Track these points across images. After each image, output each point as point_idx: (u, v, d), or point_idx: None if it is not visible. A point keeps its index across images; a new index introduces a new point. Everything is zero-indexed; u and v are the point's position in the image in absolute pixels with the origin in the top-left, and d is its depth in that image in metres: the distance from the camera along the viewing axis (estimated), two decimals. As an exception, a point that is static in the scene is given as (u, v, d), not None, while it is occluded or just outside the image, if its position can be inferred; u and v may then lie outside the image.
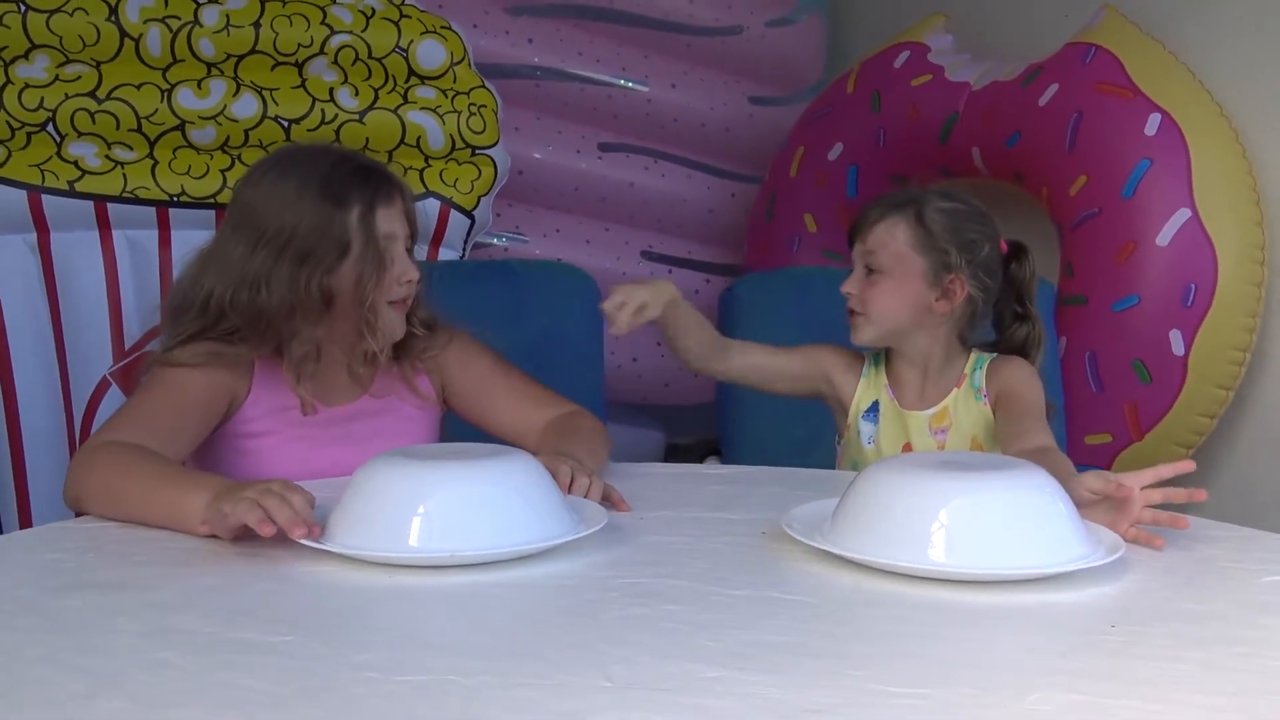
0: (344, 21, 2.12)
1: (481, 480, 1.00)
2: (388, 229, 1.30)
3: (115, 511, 1.11)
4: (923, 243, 1.37)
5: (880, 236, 1.38)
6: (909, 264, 1.37)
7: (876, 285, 1.38)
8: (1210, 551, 1.09)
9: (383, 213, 1.30)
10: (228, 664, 0.76)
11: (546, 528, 1.00)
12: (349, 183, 1.29)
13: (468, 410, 1.43)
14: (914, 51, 2.47)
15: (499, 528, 0.98)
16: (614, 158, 2.75)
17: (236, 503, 0.99)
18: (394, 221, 1.31)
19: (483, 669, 0.75)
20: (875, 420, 1.44)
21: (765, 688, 0.73)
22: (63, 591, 0.91)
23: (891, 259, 1.38)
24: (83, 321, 2.05)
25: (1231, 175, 2.05)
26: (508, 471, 1.01)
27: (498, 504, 0.99)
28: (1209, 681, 0.75)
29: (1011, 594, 0.93)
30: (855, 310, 1.40)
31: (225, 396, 1.29)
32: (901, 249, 1.37)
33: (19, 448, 2.04)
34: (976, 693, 0.73)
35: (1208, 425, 2.07)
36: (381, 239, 1.30)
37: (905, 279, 1.37)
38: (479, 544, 0.96)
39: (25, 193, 1.97)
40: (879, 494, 1.00)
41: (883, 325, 1.39)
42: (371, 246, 1.28)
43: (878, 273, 1.38)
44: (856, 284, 1.40)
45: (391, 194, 1.32)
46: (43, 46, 2.00)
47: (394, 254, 1.31)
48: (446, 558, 0.95)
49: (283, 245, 1.26)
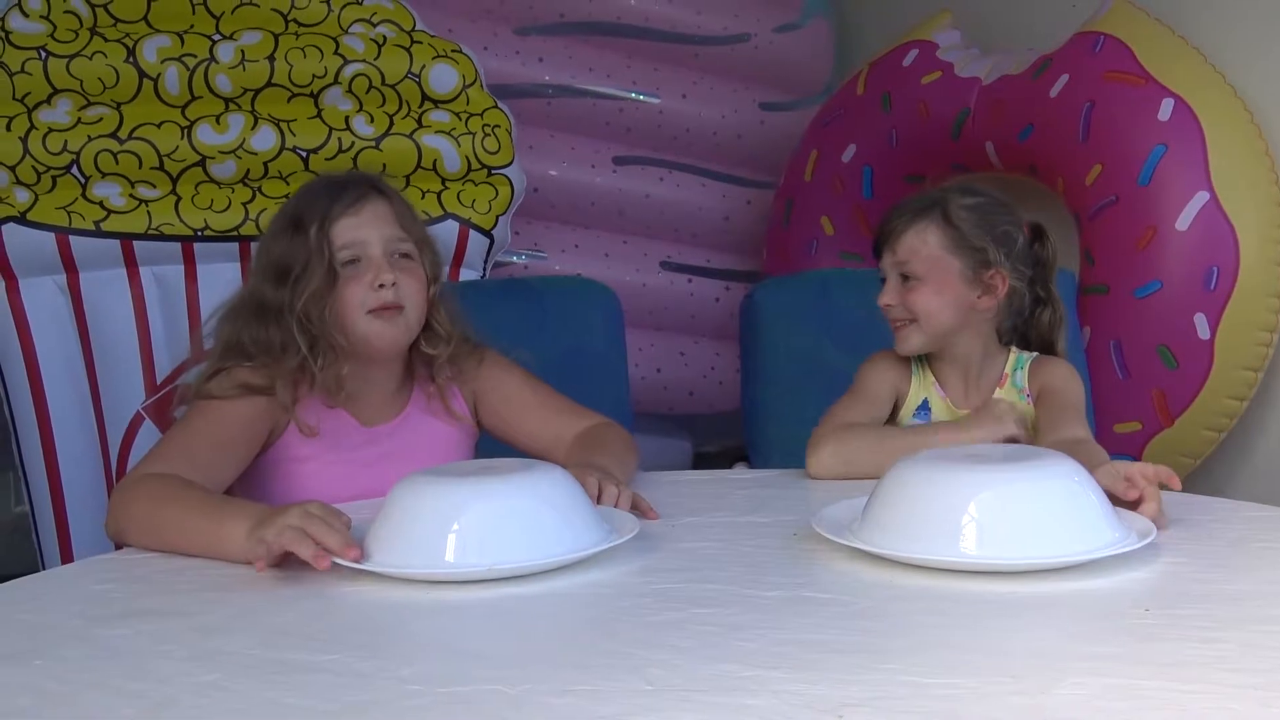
0: (356, 50, 2.15)
1: (515, 494, 1.01)
2: (350, 238, 1.29)
3: (156, 541, 1.13)
4: (955, 243, 1.37)
5: (911, 244, 1.37)
6: (944, 267, 1.36)
7: (916, 291, 1.37)
8: (1243, 531, 1.09)
9: (344, 223, 1.29)
10: (275, 684, 0.78)
11: (580, 539, 1.01)
12: (311, 202, 1.31)
13: (499, 426, 1.43)
14: (922, 49, 2.47)
15: (534, 540, 0.99)
16: (629, 170, 2.76)
17: (281, 531, 1.00)
18: (362, 229, 1.29)
19: (524, 678, 0.77)
20: (927, 419, 1.42)
21: (802, 685, 0.73)
22: (110, 620, 0.93)
23: (926, 265, 1.36)
24: (114, 358, 2.09)
25: (1248, 156, 2.04)
26: (540, 485, 1.03)
27: (531, 517, 1.00)
28: (1244, 661, 0.76)
29: (1043, 583, 0.93)
30: (900, 319, 1.38)
31: (265, 424, 1.30)
32: (935, 253, 1.36)
33: (58, 484, 2.08)
34: (1011, 681, 0.73)
35: (1237, 408, 2.06)
36: (339, 249, 1.28)
37: (944, 282, 1.36)
38: (515, 557, 0.97)
39: (53, 235, 2.01)
40: (908, 490, 1.01)
41: (931, 330, 1.38)
42: (324, 261, 1.27)
43: (915, 280, 1.37)
44: (895, 294, 1.38)
45: (358, 202, 1.30)
46: (64, 90, 2.04)
47: (367, 261, 1.29)
48: (485, 571, 0.96)
49: (270, 275, 1.29)
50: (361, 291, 1.29)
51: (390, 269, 1.29)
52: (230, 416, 1.27)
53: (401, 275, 1.31)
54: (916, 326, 1.37)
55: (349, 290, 1.29)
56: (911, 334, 1.38)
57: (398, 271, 1.30)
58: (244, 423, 1.28)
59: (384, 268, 1.29)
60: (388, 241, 1.31)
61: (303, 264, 1.28)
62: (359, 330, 1.30)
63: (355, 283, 1.29)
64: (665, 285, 2.80)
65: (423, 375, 1.39)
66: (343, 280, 1.28)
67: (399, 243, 1.32)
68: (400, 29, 2.21)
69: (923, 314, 1.37)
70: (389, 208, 1.33)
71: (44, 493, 2.07)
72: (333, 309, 1.28)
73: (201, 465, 1.21)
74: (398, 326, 1.31)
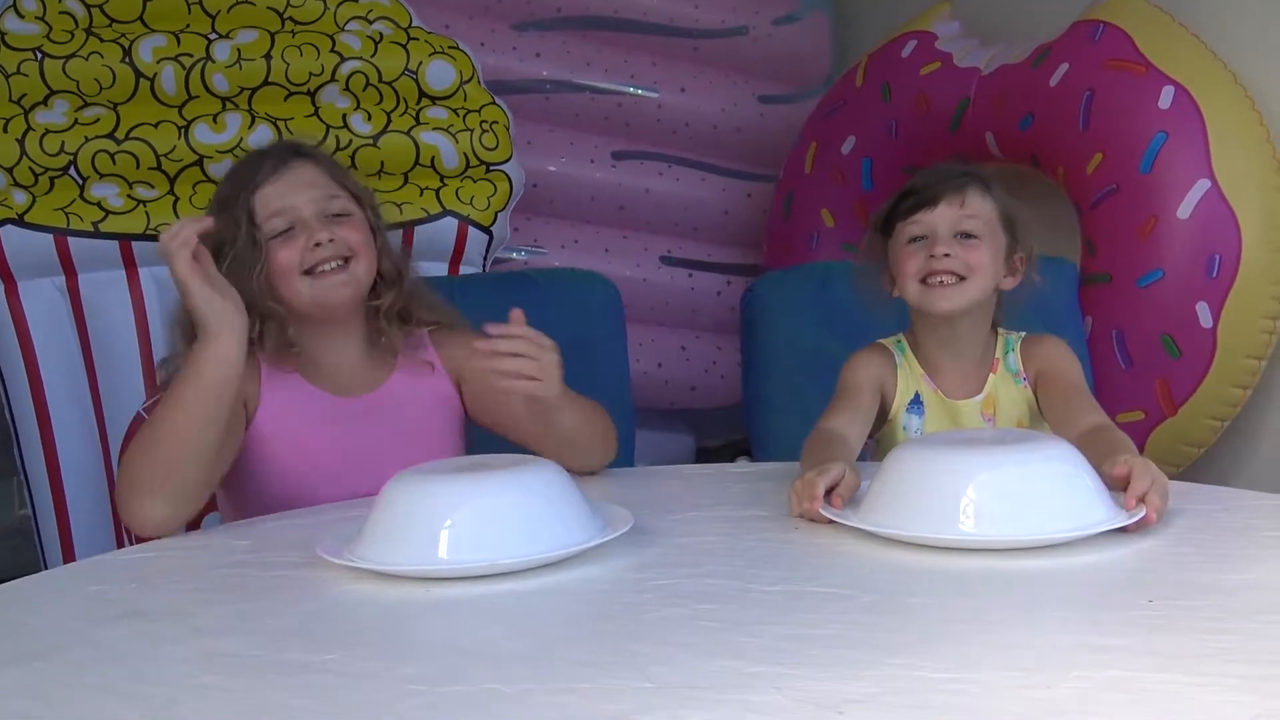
0: (353, 48, 2.14)
1: (509, 490, 1.01)
2: (277, 205, 1.29)
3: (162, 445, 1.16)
4: (1004, 217, 1.36)
5: (979, 203, 1.34)
6: (998, 235, 1.35)
7: (979, 249, 1.32)
8: (1248, 520, 1.08)
9: (268, 191, 1.29)
10: (277, 685, 0.77)
11: (574, 534, 1.01)
12: (235, 177, 1.32)
13: (484, 412, 1.41)
14: (921, 40, 2.46)
15: (531, 536, 0.99)
16: (628, 165, 2.76)
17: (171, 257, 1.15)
18: (288, 196, 1.29)
19: (525, 676, 0.76)
20: (920, 413, 1.38)
21: (806, 680, 0.73)
22: (111, 622, 0.93)
23: (987, 228, 1.34)
24: (114, 359, 2.09)
25: (1249, 143, 2.03)
26: (534, 480, 1.03)
27: (526, 512, 1.00)
28: (1251, 652, 0.75)
29: (1048, 573, 0.93)
30: (949, 272, 1.31)
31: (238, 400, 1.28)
32: (993, 218, 1.35)
33: (59, 485, 2.08)
34: (1017, 674, 0.73)
35: (1241, 396, 2.05)
36: (270, 218, 1.28)
37: (996, 249, 1.34)
38: (511, 553, 0.97)
39: (52, 236, 2.01)
40: (910, 472, 1.03)
41: (976, 292, 1.33)
42: (247, 232, 1.27)
43: (976, 238, 1.33)
44: (953, 246, 1.31)
45: (278, 169, 1.30)
46: (61, 92, 2.03)
47: (300, 225, 1.28)
48: (482, 567, 0.96)
49: (215, 254, 1.27)
50: (296, 254, 1.28)
51: (324, 227, 1.29)
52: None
53: (340, 229, 1.30)
54: (967, 285, 1.32)
55: (282, 255, 1.28)
56: (963, 290, 1.31)
57: (335, 227, 1.30)
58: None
59: (316, 228, 1.28)
60: (317, 202, 1.30)
61: (231, 239, 1.28)
62: (304, 294, 1.29)
63: (287, 247, 1.28)
64: (666, 280, 2.79)
65: (405, 345, 1.37)
66: (274, 246, 1.28)
67: (330, 201, 1.31)
68: (397, 26, 2.20)
69: (979, 272, 1.32)
70: (314, 168, 1.32)
71: (45, 496, 2.07)
72: (263, 277, 1.28)
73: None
74: (340, 281, 1.30)
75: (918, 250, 1.33)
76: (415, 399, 1.37)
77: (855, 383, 1.38)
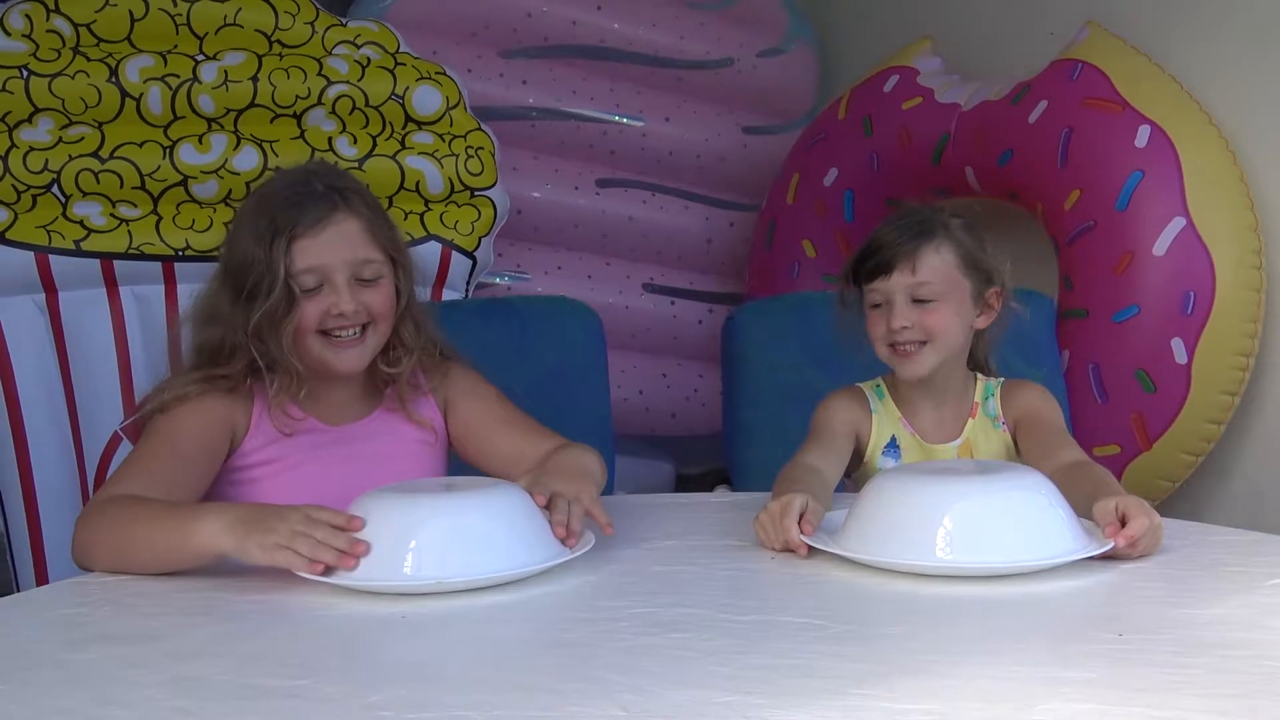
0: (340, 72, 2.15)
1: (473, 510, 1.04)
2: (312, 262, 1.25)
3: (121, 559, 1.12)
4: (965, 262, 1.34)
5: (932, 264, 1.32)
6: (958, 286, 1.34)
7: (937, 313, 1.32)
8: (1217, 556, 1.09)
9: (305, 244, 1.24)
10: (245, 710, 0.77)
11: (534, 554, 1.03)
12: (277, 210, 1.26)
13: (466, 443, 1.40)
14: (903, 75, 2.49)
15: (490, 553, 1.02)
16: (612, 193, 2.77)
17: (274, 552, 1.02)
18: (325, 253, 1.25)
19: (496, 703, 0.76)
20: (897, 456, 1.39)
21: (776, 711, 0.73)
22: (80, 645, 0.92)
23: (945, 285, 1.33)
24: (93, 378, 2.07)
25: (1224, 182, 2.06)
26: (497, 501, 1.05)
27: (488, 532, 1.03)
28: (1216, 686, 0.76)
29: (1018, 605, 0.93)
30: (913, 341, 1.32)
31: (225, 431, 1.28)
32: (952, 273, 1.33)
33: (33, 505, 2.06)
34: (984, 705, 0.73)
35: (1215, 432, 2.07)
36: (301, 273, 1.24)
37: (959, 301, 1.34)
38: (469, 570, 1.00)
39: (33, 254, 2.00)
40: (888, 501, 1.07)
41: (945, 351, 1.34)
42: (281, 283, 1.24)
43: (932, 301, 1.32)
44: (909, 315, 1.32)
45: (319, 222, 1.25)
46: (46, 110, 2.03)
47: (330, 286, 1.26)
48: (435, 584, 0.99)
49: (230, 282, 1.26)
50: (319, 314, 1.26)
51: (351, 297, 1.26)
52: (191, 426, 1.25)
53: (365, 294, 1.28)
54: (931, 348, 1.33)
55: (306, 311, 1.26)
56: (926, 355, 1.32)
57: (362, 292, 1.28)
58: (205, 429, 1.26)
59: (344, 296, 1.26)
60: (351, 266, 1.27)
61: (258, 280, 1.25)
62: (314, 352, 1.28)
63: (313, 305, 1.26)
64: (648, 307, 2.80)
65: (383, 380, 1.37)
66: (301, 300, 1.26)
67: (363, 266, 1.28)
68: (384, 51, 2.21)
69: (941, 335, 1.32)
70: (355, 224, 1.28)
71: (19, 514, 2.05)
72: (288, 331, 1.25)
73: (164, 481, 1.19)
74: (354, 351, 1.29)
75: (880, 317, 1.34)
76: (402, 427, 1.38)
77: (828, 424, 1.38)
